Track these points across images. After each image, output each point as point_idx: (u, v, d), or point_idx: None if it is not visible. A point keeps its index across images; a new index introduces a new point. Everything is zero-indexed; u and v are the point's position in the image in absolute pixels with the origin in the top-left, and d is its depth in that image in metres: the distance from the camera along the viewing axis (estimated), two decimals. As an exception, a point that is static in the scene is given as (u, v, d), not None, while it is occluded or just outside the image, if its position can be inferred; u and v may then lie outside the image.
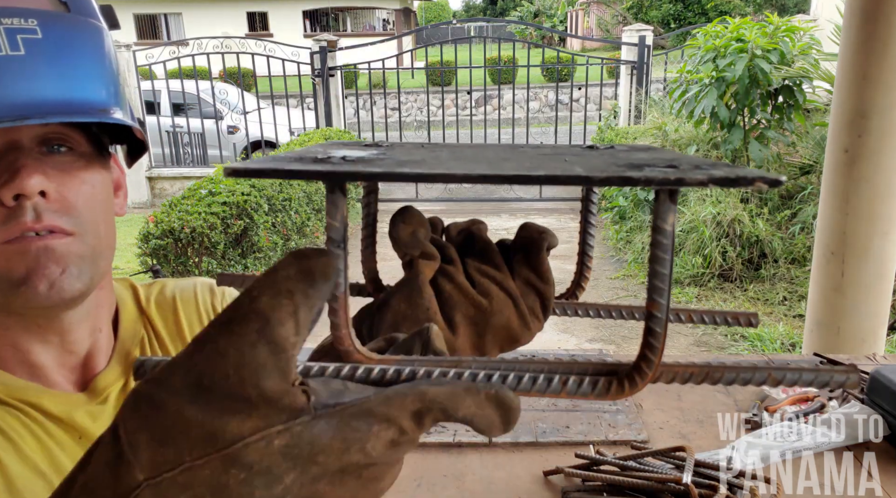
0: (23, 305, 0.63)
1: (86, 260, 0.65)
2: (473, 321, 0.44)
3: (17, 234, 0.60)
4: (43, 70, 0.59)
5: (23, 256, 0.61)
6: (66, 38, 0.61)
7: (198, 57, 8.47)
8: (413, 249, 0.43)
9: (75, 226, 0.64)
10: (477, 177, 0.27)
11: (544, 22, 30.48)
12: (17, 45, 0.58)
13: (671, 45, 14.64)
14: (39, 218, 0.61)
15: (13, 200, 0.60)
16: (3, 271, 0.61)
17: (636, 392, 0.32)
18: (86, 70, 0.62)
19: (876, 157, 2.60)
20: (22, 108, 0.58)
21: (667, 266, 0.30)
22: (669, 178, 0.27)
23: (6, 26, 0.57)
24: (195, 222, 4.57)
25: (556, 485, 1.16)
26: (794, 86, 5.51)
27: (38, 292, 0.61)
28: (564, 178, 0.28)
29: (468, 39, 11.31)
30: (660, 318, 0.30)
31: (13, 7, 0.59)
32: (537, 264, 0.47)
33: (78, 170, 0.65)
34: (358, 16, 27.22)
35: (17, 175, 0.60)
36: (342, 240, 0.31)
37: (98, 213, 0.67)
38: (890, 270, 2.74)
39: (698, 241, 5.32)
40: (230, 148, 9.27)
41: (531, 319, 0.45)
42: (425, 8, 40.68)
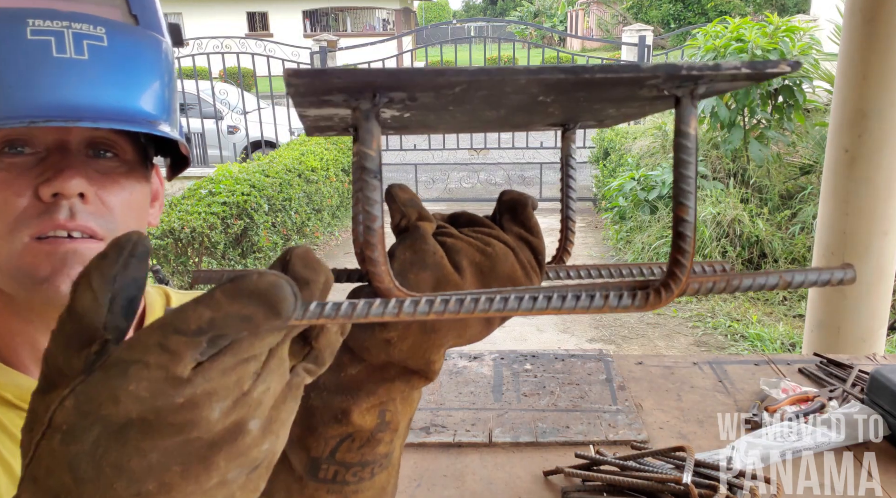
0: (43, 302, 0.64)
1: None
2: (480, 269, 0.43)
3: (48, 230, 0.62)
4: (102, 77, 0.62)
5: (49, 257, 0.62)
6: (129, 50, 0.64)
7: (198, 57, 8.47)
8: (411, 208, 0.43)
9: (107, 230, 0.65)
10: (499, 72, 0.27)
11: (544, 22, 30.48)
12: (82, 50, 0.60)
13: (671, 45, 14.64)
14: (73, 217, 0.63)
15: (51, 197, 0.62)
16: (29, 268, 0.62)
17: (671, 300, 0.32)
18: (142, 82, 0.65)
19: (876, 157, 2.60)
20: (77, 109, 0.60)
21: (692, 169, 0.30)
22: (692, 72, 0.27)
23: (75, 31, 0.60)
24: (195, 222, 4.57)
25: (556, 485, 1.16)
26: (794, 86, 5.51)
27: (59, 291, 0.62)
28: (575, 69, 0.27)
29: (468, 39, 11.33)
30: (689, 221, 0.30)
31: (86, 14, 0.62)
32: (525, 220, 0.47)
33: (119, 176, 0.67)
34: (358, 16, 27.22)
35: (60, 175, 0.62)
36: (378, 170, 0.30)
37: (131, 220, 0.68)
38: (890, 270, 2.74)
39: (698, 241, 5.32)
40: (230, 148, 9.27)
41: (531, 270, 0.45)
42: (425, 8, 40.67)
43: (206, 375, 0.28)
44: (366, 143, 0.30)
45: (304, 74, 0.26)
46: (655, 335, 4.52)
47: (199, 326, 0.27)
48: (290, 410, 0.32)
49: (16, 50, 0.59)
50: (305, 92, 0.28)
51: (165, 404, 0.27)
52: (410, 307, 0.31)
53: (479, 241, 0.44)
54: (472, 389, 1.48)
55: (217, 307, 0.27)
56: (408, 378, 0.44)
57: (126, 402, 0.27)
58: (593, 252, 6.46)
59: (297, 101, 0.30)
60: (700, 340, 4.47)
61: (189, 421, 0.28)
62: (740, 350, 4.24)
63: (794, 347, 4.14)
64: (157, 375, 0.27)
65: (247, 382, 0.29)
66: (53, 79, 0.60)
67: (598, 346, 4.38)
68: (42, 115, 0.59)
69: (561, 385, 1.48)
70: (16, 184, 0.62)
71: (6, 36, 0.59)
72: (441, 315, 0.31)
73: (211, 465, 0.28)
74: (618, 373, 1.53)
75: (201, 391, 0.28)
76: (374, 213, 0.30)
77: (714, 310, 4.83)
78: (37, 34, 0.59)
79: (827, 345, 2.78)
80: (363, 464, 0.44)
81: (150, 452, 0.27)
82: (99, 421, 0.27)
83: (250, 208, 5.17)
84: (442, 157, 9.17)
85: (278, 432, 0.31)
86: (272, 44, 8.78)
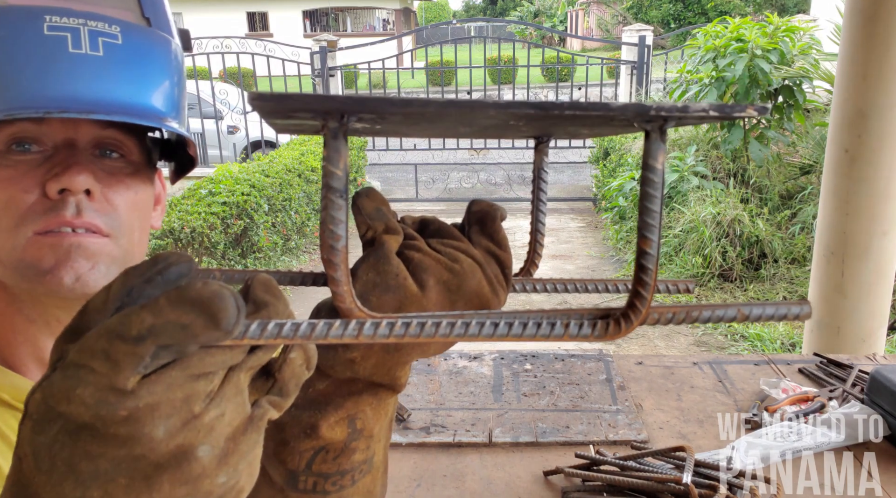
0: (46, 293, 0.64)
1: (116, 261, 0.66)
2: (447, 286, 0.43)
3: (53, 226, 0.63)
4: (116, 73, 0.63)
5: (54, 249, 0.63)
6: (142, 49, 0.66)
7: (198, 57, 8.47)
8: (377, 221, 0.43)
9: (112, 228, 0.66)
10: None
11: (544, 22, 30.48)
12: (97, 47, 0.62)
13: (671, 45, 14.64)
14: (80, 214, 0.63)
15: (57, 194, 0.63)
16: (33, 260, 0.63)
17: (631, 331, 0.32)
18: (153, 80, 0.67)
19: (876, 157, 2.60)
20: (90, 103, 0.62)
21: (657, 204, 0.30)
22: (660, 114, 0.27)
23: (91, 28, 0.62)
24: (195, 222, 4.57)
25: (556, 485, 1.16)
26: (794, 86, 5.51)
27: (62, 283, 0.63)
28: (549, 105, 0.27)
29: (468, 39, 11.32)
30: (651, 255, 0.30)
31: (101, 13, 0.64)
32: (494, 233, 0.46)
33: (125, 176, 0.68)
34: (358, 16, 27.21)
35: (68, 171, 0.62)
36: (344, 189, 0.30)
37: (135, 220, 0.69)
38: (890, 270, 2.74)
39: (698, 241, 5.32)
40: (230, 148, 9.27)
41: (497, 285, 0.45)
42: (425, 8, 40.66)
43: (151, 388, 0.27)
44: (332, 161, 0.30)
45: (268, 98, 0.26)
46: (655, 335, 4.52)
47: (139, 332, 0.27)
48: (252, 442, 0.31)
49: (33, 44, 0.60)
50: (271, 112, 0.28)
51: (108, 414, 0.27)
52: (370, 330, 0.30)
53: (447, 257, 0.43)
54: (472, 389, 1.48)
55: (159, 313, 0.27)
56: (375, 391, 0.44)
57: (76, 405, 0.27)
58: (593, 252, 6.46)
59: (264, 117, 0.30)
60: (700, 340, 4.47)
61: (132, 435, 0.27)
62: (740, 350, 4.24)
63: (794, 347, 4.14)
64: (102, 383, 0.27)
65: (197, 404, 0.28)
66: (68, 73, 0.61)
67: (598, 346, 4.38)
68: (57, 107, 0.60)
69: (561, 385, 1.48)
70: (23, 181, 0.63)
71: (23, 31, 0.60)
72: (401, 339, 0.31)
73: (154, 485, 0.28)
74: (618, 373, 1.53)
75: (144, 405, 0.27)
76: (338, 233, 0.30)
77: (714, 310, 4.83)
78: (53, 30, 0.61)
79: (827, 345, 2.78)
80: (341, 473, 0.44)
81: (99, 458, 0.27)
82: (59, 417, 0.28)
83: (250, 208, 5.17)
84: (442, 157, 9.17)
85: (236, 466, 0.30)
86: (272, 44, 8.77)
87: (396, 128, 0.38)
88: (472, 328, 0.31)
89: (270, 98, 0.26)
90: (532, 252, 0.47)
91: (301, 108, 0.28)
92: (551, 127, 0.40)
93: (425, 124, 0.35)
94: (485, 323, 0.31)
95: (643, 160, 0.30)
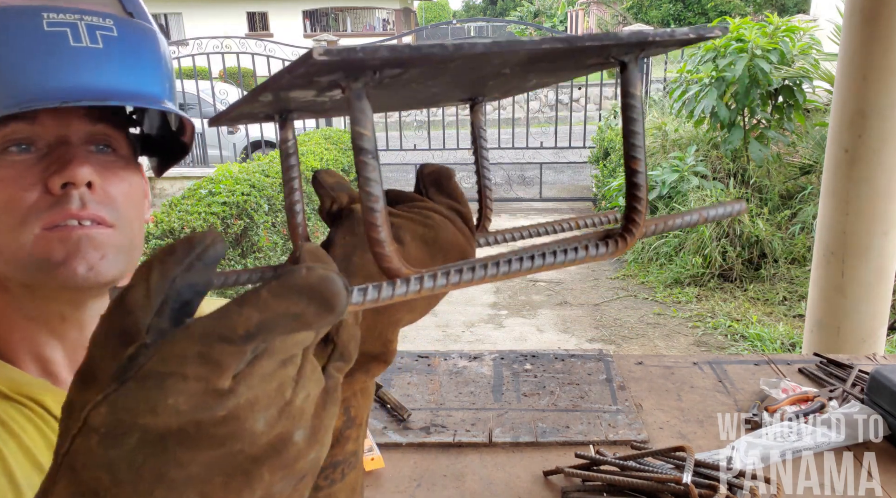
0: (59, 285, 0.65)
1: (122, 250, 0.69)
2: (424, 240, 0.43)
3: (60, 220, 0.64)
4: (117, 63, 0.66)
5: (63, 242, 0.64)
6: (135, 39, 0.68)
7: (198, 57, 8.47)
8: (341, 192, 0.43)
9: (115, 219, 0.68)
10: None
11: (544, 22, 30.49)
12: (96, 40, 0.65)
13: (671, 45, 14.61)
14: (84, 206, 0.65)
15: (60, 189, 0.64)
16: (44, 255, 0.64)
17: (632, 246, 0.35)
18: (150, 67, 0.70)
19: (876, 157, 2.60)
20: (100, 92, 0.64)
21: (640, 126, 0.33)
22: (632, 41, 0.29)
23: (87, 23, 0.65)
24: (195, 222, 4.57)
25: (556, 485, 1.16)
26: (794, 86, 5.51)
27: (76, 273, 0.64)
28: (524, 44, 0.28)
29: (468, 39, 11.31)
30: (641, 173, 0.33)
31: (90, 9, 0.66)
32: (451, 190, 0.47)
33: (118, 169, 0.70)
34: (358, 16, 27.22)
35: (69, 165, 0.64)
36: (374, 150, 0.30)
37: (133, 211, 0.71)
38: (890, 270, 2.74)
39: (698, 241, 5.32)
40: (230, 148, 9.27)
41: (469, 235, 0.45)
42: (425, 8, 40.67)
43: (248, 383, 0.26)
44: (360, 123, 0.29)
45: (331, 53, 0.25)
46: (655, 335, 4.52)
47: (246, 331, 0.25)
48: (332, 415, 0.31)
49: (35, 41, 0.62)
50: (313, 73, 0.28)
51: (206, 417, 0.26)
52: (429, 282, 0.31)
53: (418, 215, 0.44)
54: (472, 389, 1.48)
55: (265, 307, 0.25)
56: (367, 367, 0.43)
57: (165, 414, 0.26)
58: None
59: (285, 83, 0.30)
60: (700, 340, 4.47)
61: (231, 433, 0.26)
62: (740, 350, 4.24)
63: (794, 347, 4.14)
64: (197, 388, 0.25)
65: (288, 390, 0.28)
66: (73, 65, 0.63)
67: (598, 346, 4.38)
68: (70, 98, 0.62)
69: (561, 385, 1.48)
70: (23, 179, 0.64)
71: (24, 29, 0.62)
72: (456, 286, 0.31)
73: (254, 478, 0.27)
74: (618, 373, 1.53)
75: (244, 401, 0.26)
76: (376, 194, 0.30)
77: (714, 310, 4.83)
78: (53, 26, 0.63)
79: (827, 345, 2.78)
80: (334, 465, 0.43)
81: (190, 464, 0.26)
82: (137, 429, 0.26)
83: (250, 208, 5.17)
84: (442, 157, 9.16)
85: (322, 440, 0.30)
86: (272, 44, 8.77)
87: (414, 88, 0.37)
88: (512, 265, 0.32)
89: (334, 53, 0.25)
90: (483, 207, 0.49)
91: (320, 72, 0.27)
92: (488, 85, 0.41)
93: (446, 78, 0.35)
94: (515, 259, 0.32)
95: (623, 90, 0.33)
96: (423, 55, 0.27)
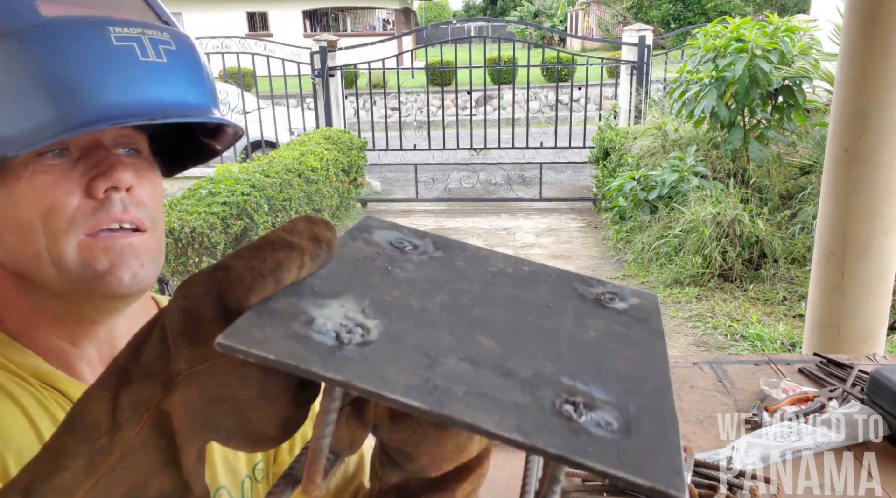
0: (104, 293, 0.66)
1: (156, 256, 0.71)
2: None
3: (105, 224, 0.65)
4: (180, 77, 0.67)
5: (107, 252, 0.65)
6: (187, 51, 0.69)
7: (198, 57, 8.45)
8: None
9: (150, 222, 0.69)
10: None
11: (544, 22, 30.47)
12: (160, 54, 0.65)
13: (671, 45, 14.64)
14: (126, 210, 0.66)
15: (103, 193, 0.65)
16: (89, 263, 0.65)
17: None
18: (202, 79, 0.70)
19: (876, 157, 2.60)
20: (166, 107, 0.65)
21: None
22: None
23: (150, 37, 0.65)
24: (195, 222, 4.57)
25: (556, 485, 1.16)
26: (794, 86, 5.51)
27: (122, 282, 0.66)
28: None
29: (468, 39, 11.31)
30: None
31: (150, 22, 0.66)
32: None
33: (145, 171, 0.71)
34: (358, 16, 27.21)
35: (113, 169, 0.65)
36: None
37: (159, 212, 0.72)
38: (890, 269, 2.74)
39: (698, 241, 5.32)
40: (230, 148, 9.25)
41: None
42: (425, 8, 40.67)
43: None
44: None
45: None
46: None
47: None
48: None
49: (107, 55, 0.62)
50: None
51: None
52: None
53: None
54: (472, 389, 1.48)
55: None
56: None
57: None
58: (593, 252, 6.47)
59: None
60: (700, 340, 4.47)
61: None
62: (740, 350, 4.24)
63: (794, 347, 4.14)
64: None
65: None
66: (144, 81, 0.64)
67: (598, 346, 4.37)
68: (158, 114, 0.63)
69: (561, 385, 1.48)
70: (63, 184, 0.64)
71: (96, 42, 0.62)
72: None
73: None
74: (618, 373, 1.53)
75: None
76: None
77: (714, 310, 4.83)
78: (121, 40, 0.63)
79: (827, 345, 2.78)
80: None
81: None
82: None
83: (250, 208, 5.17)
84: (442, 157, 9.17)
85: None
86: (272, 44, 8.77)
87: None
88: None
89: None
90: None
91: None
92: None
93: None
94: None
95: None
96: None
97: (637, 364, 0.36)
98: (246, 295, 0.35)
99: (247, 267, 0.35)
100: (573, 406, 0.30)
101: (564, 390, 0.31)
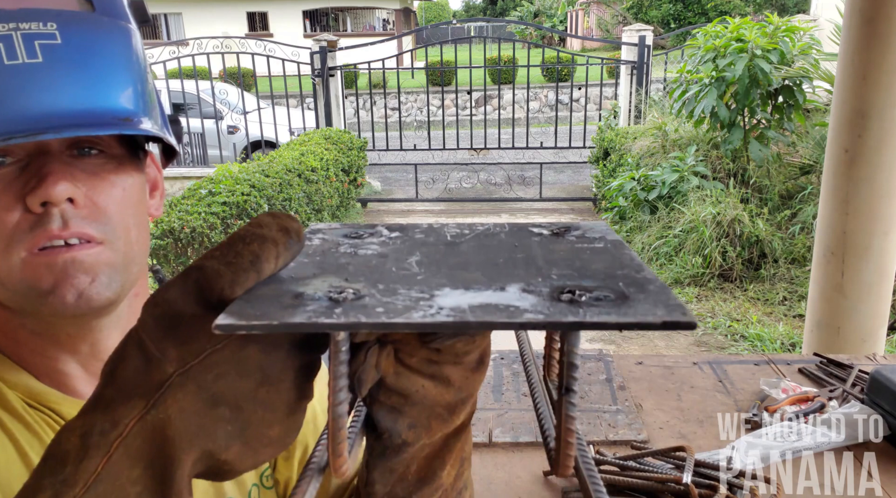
0: (50, 313, 0.61)
1: (116, 268, 0.63)
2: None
3: (43, 242, 0.58)
4: (62, 79, 0.56)
5: (50, 268, 0.59)
6: (87, 43, 0.58)
7: (198, 57, 8.46)
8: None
9: (104, 233, 0.61)
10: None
11: (544, 22, 30.48)
12: (34, 53, 0.55)
13: (671, 45, 14.64)
14: (66, 225, 0.59)
15: (40, 207, 0.58)
16: (31, 281, 0.59)
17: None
18: (109, 77, 0.59)
19: (876, 157, 2.60)
20: (39, 120, 0.55)
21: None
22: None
23: (24, 32, 0.55)
24: (195, 222, 4.57)
25: (556, 485, 1.16)
26: (794, 86, 5.51)
27: (65, 302, 0.59)
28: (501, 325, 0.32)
29: (468, 39, 11.31)
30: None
31: (32, 9, 0.56)
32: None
33: (108, 173, 0.62)
34: (358, 16, 27.21)
35: (44, 181, 0.57)
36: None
37: (129, 218, 0.64)
38: (890, 269, 2.74)
39: (698, 241, 5.32)
40: (230, 148, 9.26)
41: None
42: (425, 8, 40.66)
43: None
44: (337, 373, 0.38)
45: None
46: (655, 335, 4.52)
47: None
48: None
49: None
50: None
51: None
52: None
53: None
54: (472, 389, 1.48)
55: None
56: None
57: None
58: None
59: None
60: (700, 340, 4.47)
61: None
62: (740, 350, 4.24)
63: (794, 347, 4.14)
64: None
65: None
66: (8, 89, 0.54)
67: (598, 346, 4.37)
68: (21, 130, 0.54)
69: (561, 385, 1.48)
70: (3, 198, 0.58)
71: None
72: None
73: None
74: (618, 373, 1.53)
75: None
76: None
77: (714, 310, 4.83)
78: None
79: (827, 345, 2.78)
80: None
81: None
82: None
83: (250, 208, 5.17)
84: (442, 157, 9.16)
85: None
86: (272, 44, 8.77)
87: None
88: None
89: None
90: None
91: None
92: None
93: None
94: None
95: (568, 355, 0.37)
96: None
97: (611, 262, 0.40)
98: (230, 287, 0.34)
99: (224, 263, 0.35)
100: (571, 293, 0.34)
101: (558, 288, 0.35)
